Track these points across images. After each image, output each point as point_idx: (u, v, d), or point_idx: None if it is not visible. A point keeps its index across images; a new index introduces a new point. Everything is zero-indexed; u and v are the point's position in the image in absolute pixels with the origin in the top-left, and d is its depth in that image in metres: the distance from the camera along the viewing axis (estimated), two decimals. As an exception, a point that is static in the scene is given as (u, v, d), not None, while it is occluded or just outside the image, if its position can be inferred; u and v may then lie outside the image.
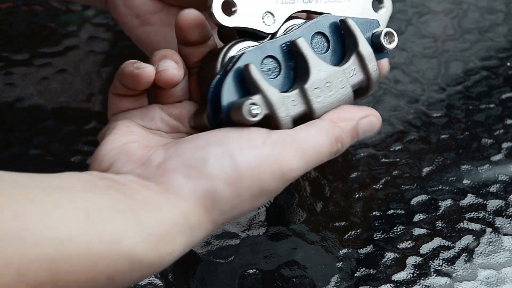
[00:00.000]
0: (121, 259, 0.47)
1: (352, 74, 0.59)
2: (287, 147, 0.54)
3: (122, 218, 0.48)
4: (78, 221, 0.46)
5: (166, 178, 0.51)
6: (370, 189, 0.72)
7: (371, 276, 0.65)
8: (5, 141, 0.74)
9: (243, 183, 0.52)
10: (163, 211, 0.50)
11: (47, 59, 0.82)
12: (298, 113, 0.57)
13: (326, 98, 0.58)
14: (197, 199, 0.51)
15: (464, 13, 0.89)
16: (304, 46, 0.58)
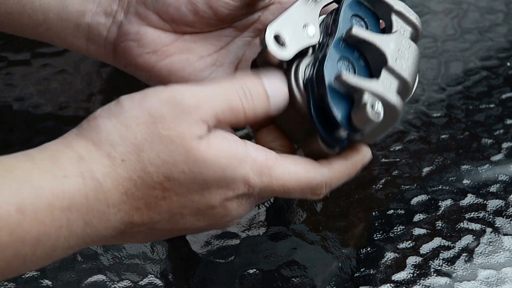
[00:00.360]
0: (21, 185, 0.49)
1: (404, 31, 0.61)
2: (179, 84, 0.55)
3: (14, 157, 0.52)
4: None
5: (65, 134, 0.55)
6: (370, 189, 0.72)
7: (371, 276, 0.65)
8: (5, 141, 0.74)
9: (126, 113, 0.53)
10: (49, 147, 0.53)
11: (47, 59, 0.82)
12: (396, 90, 0.58)
13: (407, 63, 0.59)
14: (79, 135, 0.53)
15: (464, 13, 0.89)
16: (361, 32, 0.59)
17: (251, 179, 0.55)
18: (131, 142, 0.52)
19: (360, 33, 0.59)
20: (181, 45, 0.64)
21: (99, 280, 0.64)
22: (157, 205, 0.53)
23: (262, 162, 0.55)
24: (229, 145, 0.54)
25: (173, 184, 0.53)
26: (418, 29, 0.62)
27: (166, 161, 0.52)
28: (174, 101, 0.53)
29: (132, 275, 0.64)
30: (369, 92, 0.56)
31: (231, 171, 0.54)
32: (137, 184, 0.52)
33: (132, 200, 0.52)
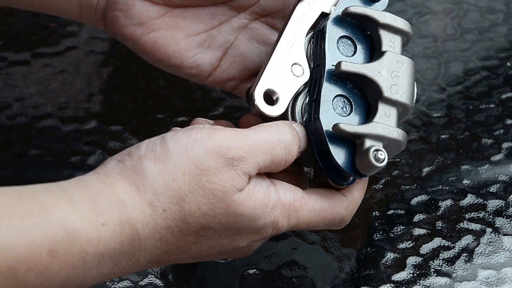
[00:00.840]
0: (56, 228, 0.48)
1: (393, 45, 0.60)
2: (223, 129, 0.54)
3: (52, 195, 0.50)
4: (11, 199, 0.49)
5: (105, 164, 0.54)
6: (370, 189, 0.72)
7: (371, 276, 0.65)
8: (5, 141, 0.74)
9: (172, 159, 0.52)
10: (91, 186, 0.51)
11: (47, 59, 0.82)
12: (396, 118, 0.58)
13: (403, 84, 0.58)
14: (124, 176, 0.52)
15: (464, 13, 0.89)
16: (350, 67, 0.58)
17: (279, 223, 0.56)
18: (175, 192, 0.52)
19: (349, 68, 0.58)
20: (169, 20, 0.63)
21: (99, 280, 0.64)
22: (188, 249, 0.54)
23: (290, 205, 0.56)
24: (263, 194, 0.55)
25: (207, 232, 0.54)
26: (408, 34, 0.61)
27: (206, 213, 0.53)
28: (220, 153, 0.53)
29: (132, 275, 0.65)
30: (369, 137, 0.56)
31: (263, 220, 0.55)
32: (173, 232, 0.53)
33: (165, 245, 0.53)
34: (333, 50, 0.59)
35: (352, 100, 0.59)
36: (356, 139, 0.56)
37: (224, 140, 0.53)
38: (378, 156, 0.55)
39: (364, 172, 0.56)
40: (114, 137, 0.75)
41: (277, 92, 0.59)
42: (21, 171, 0.71)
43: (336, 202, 0.58)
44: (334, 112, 0.58)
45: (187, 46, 0.63)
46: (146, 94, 0.80)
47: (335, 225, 0.59)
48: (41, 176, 0.71)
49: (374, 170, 0.56)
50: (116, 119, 0.77)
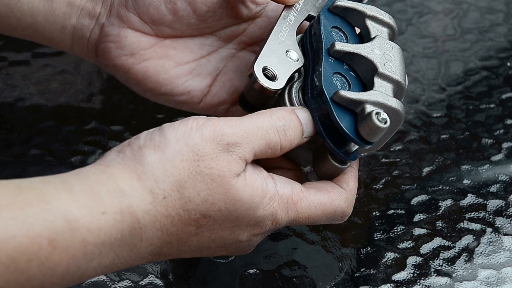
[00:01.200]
0: (57, 218, 0.49)
1: (382, 32, 0.62)
2: (217, 118, 0.55)
3: (52, 186, 0.50)
4: (11, 191, 0.49)
5: (105, 155, 0.55)
6: (370, 189, 0.72)
7: (371, 276, 0.65)
8: (5, 141, 0.74)
9: (171, 146, 0.53)
10: (90, 177, 0.52)
11: (47, 59, 0.82)
12: (392, 94, 0.59)
13: (395, 64, 0.60)
14: (124, 165, 0.53)
15: (464, 13, 0.89)
16: (345, 46, 0.60)
17: (278, 216, 0.57)
18: (174, 179, 0.53)
19: (344, 47, 0.60)
20: (159, 50, 0.64)
21: (100, 280, 0.64)
22: (188, 240, 0.55)
23: (288, 197, 0.57)
24: (261, 184, 0.56)
25: (207, 221, 0.54)
26: (393, 28, 0.63)
27: (205, 199, 0.54)
28: (215, 139, 0.54)
29: (132, 275, 0.65)
30: (370, 103, 0.57)
31: (262, 210, 0.56)
32: (174, 221, 0.53)
33: (166, 236, 0.53)
34: (328, 34, 0.61)
35: (350, 80, 0.60)
36: (357, 107, 0.57)
37: (219, 127, 0.55)
38: (382, 117, 0.56)
39: (369, 137, 0.57)
40: (114, 137, 0.75)
41: (274, 70, 0.60)
42: (21, 171, 0.71)
43: (335, 195, 0.59)
44: (335, 85, 0.59)
45: (177, 74, 0.65)
46: (146, 94, 0.80)
47: (337, 219, 0.60)
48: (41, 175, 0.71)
49: (379, 132, 0.57)
50: (116, 119, 0.77)
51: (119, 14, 0.64)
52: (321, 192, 0.59)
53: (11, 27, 0.65)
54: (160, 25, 0.63)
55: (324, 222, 0.60)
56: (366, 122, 0.56)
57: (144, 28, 0.64)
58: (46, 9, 0.64)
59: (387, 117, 0.57)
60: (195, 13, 0.63)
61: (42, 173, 0.71)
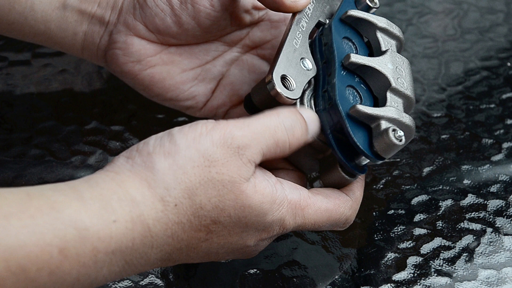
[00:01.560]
0: (67, 227, 0.48)
1: (391, 45, 0.62)
2: (226, 121, 0.55)
3: (62, 194, 0.50)
4: (21, 199, 0.49)
5: (114, 162, 0.54)
6: (370, 189, 0.72)
7: (371, 276, 0.65)
8: (5, 141, 0.74)
9: (182, 153, 0.53)
10: (101, 184, 0.52)
11: (47, 59, 0.82)
12: (403, 108, 0.59)
13: (406, 79, 0.60)
14: (134, 173, 0.53)
15: (464, 13, 0.89)
16: (360, 59, 0.60)
17: (286, 221, 0.57)
18: (186, 186, 0.53)
19: (359, 59, 0.60)
20: (165, 57, 0.65)
21: (100, 280, 0.64)
22: (198, 246, 0.55)
23: (296, 203, 0.57)
24: (270, 189, 0.56)
25: (217, 227, 0.54)
26: (402, 41, 0.63)
27: (216, 205, 0.54)
28: (226, 143, 0.54)
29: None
30: (385, 119, 0.57)
31: (271, 216, 0.56)
32: (184, 228, 0.53)
33: (176, 242, 0.53)
34: (340, 44, 0.61)
35: (361, 93, 0.60)
36: (372, 122, 0.57)
37: (228, 130, 0.54)
38: (398, 134, 0.57)
39: (384, 153, 0.57)
40: (114, 137, 0.75)
41: (291, 79, 0.60)
42: (21, 171, 0.71)
43: (341, 202, 0.59)
44: (348, 98, 0.59)
45: (182, 80, 0.65)
46: (146, 94, 0.80)
47: (340, 225, 0.60)
48: (41, 176, 0.71)
49: (394, 149, 0.57)
50: (116, 119, 0.77)
51: (126, 22, 0.64)
52: (327, 199, 0.59)
53: (24, 34, 0.66)
54: (165, 36, 0.64)
55: (327, 228, 0.60)
56: (383, 139, 0.57)
57: (150, 36, 0.64)
58: (58, 17, 0.65)
59: (403, 135, 0.57)
60: (199, 26, 0.64)
61: (42, 173, 0.71)
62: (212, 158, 0.53)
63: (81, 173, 0.72)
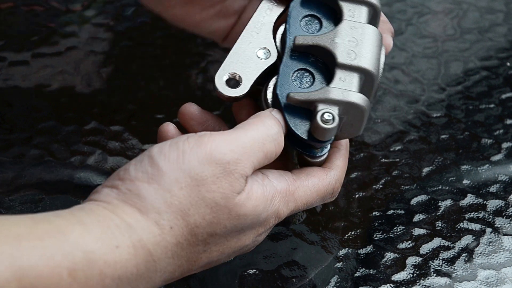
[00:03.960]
0: (74, 249, 0.48)
1: (354, 14, 0.60)
2: (210, 134, 0.54)
3: (64, 219, 0.50)
4: (27, 223, 0.49)
5: (98, 192, 0.53)
6: (370, 189, 0.72)
7: (371, 276, 0.65)
8: (5, 141, 0.74)
9: (165, 176, 0.52)
10: (96, 211, 0.51)
11: (47, 59, 0.82)
12: (357, 84, 0.57)
13: (361, 50, 0.58)
14: (122, 201, 0.52)
15: (464, 13, 0.89)
16: (304, 40, 0.59)
17: (280, 211, 0.57)
18: (177, 208, 0.52)
19: (303, 41, 0.59)
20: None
21: (99, 280, 0.64)
22: (198, 259, 0.54)
23: (286, 191, 0.57)
24: (262, 190, 0.55)
25: (214, 238, 0.54)
26: (373, 4, 0.61)
27: (211, 222, 0.53)
28: (213, 160, 0.53)
29: (132, 275, 0.65)
30: (321, 102, 0.56)
31: (265, 213, 0.55)
32: (183, 247, 0.53)
33: (177, 260, 0.53)
34: (295, 28, 0.60)
35: (314, 73, 0.59)
36: (310, 107, 0.57)
37: (214, 145, 0.53)
38: (325, 117, 0.55)
39: (318, 136, 0.56)
40: (114, 137, 0.75)
41: (238, 74, 0.60)
42: (21, 171, 0.71)
43: (323, 174, 0.59)
44: (293, 84, 0.58)
45: (202, 18, 0.65)
46: (146, 94, 0.80)
47: (328, 197, 0.60)
48: (41, 176, 0.71)
49: (325, 133, 0.56)
50: (116, 119, 0.77)
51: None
52: (311, 175, 0.59)
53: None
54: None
55: (318, 203, 0.60)
56: (313, 123, 0.56)
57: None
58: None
59: (332, 117, 0.55)
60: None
61: (42, 173, 0.71)
62: (199, 177, 0.52)
63: (81, 173, 0.72)
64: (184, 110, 0.62)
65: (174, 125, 0.61)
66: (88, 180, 0.71)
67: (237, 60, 0.60)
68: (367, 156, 0.74)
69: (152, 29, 0.86)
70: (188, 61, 0.83)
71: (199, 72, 0.82)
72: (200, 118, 0.62)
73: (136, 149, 0.74)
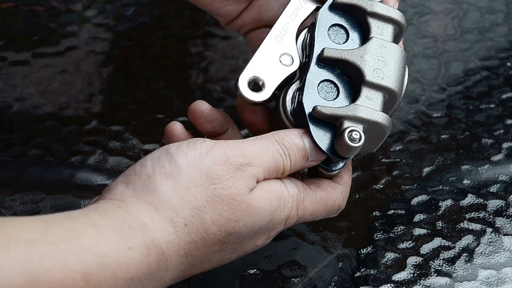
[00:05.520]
0: (87, 254, 0.48)
1: (382, 32, 0.60)
2: (224, 141, 0.55)
3: (78, 222, 0.50)
4: (39, 226, 0.48)
5: (112, 189, 0.54)
6: (370, 189, 0.72)
7: (371, 276, 0.65)
8: (5, 141, 0.74)
9: (183, 173, 0.53)
10: (110, 213, 0.51)
11: (47, 59, 0.82)
12: (381, 103, 0.58)
13: (387, 69, 0.58)
14: (138, 198, 0.52)
15: (464, 13, 0.89)
16: (333, 52, 0.58)
17: (291, 215, 0.57)
18: (192, 205, 0.52)
19: (333, 53, 0.59)
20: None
21: (100, 280, 0.64)
22: (212, 258, 0.55)
23: (297, 196, 0.58)
24: (275, 188, 0.56)
25: (232, 237, 0.54)
26: (399, 23, 0.61)
27: (229, 218, 0.53)
28: (228, 161, 0.54)
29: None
30: (348, 119, 0.56)
31: (280, 212, 0.56)
32: (198, 245, 0.53)
33: (190, 259, 0.53)
34: (323, 37, 0.60)
35: (340, 85, 0.59)
36: (336, 122, 0.57)
37: (229, 149, 0.54)
38: (353, 136, 0.55)
39: (342, 153, 0.57)
40: (114, 137, 0.75)
41: (262, 79, 0.60)
42: (21, 171, 0.71)
43: (332, 189, 0.60)
44: (319, 96, 0.58)
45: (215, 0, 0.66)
46: (146, 94, 0.80)
47: (334, 212, 0.61)
48: (41, 176, 0.71)
49: (350, 150, 0.56)
50: (116, 119, 0.77)
51: None
52: (320, 187, 0.59)
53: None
54: None
55: (323, 217, 0.60)
56: (339, 139, 0.56)
57: None
58: None
59: (359, 136, 0.56)
60: None
61: (42, 173, 0.71)
62: (215, 175, 0.53)
63: (81, 173, 0.72)
64: (194, 108, 0.62)
65: (181, 124, 0.62)
66: (88, 180, 0.71)
67: (261, 64, 0.60)
68: (367, 156, 0.74)
69: (152, 29, 0.86)
70: (188, 61, 0.83)
71: (199, 72, 0.82)
72: (210, 116, 0.62)
73: (136, 149, 0.74)
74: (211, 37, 0.85)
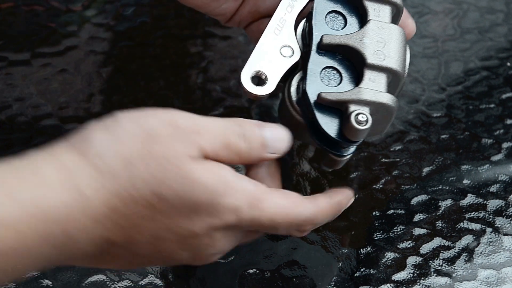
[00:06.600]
0: (2, 196, 0.48)
1: (379, 14, 0.60)
2: (182, 111, 0.54)
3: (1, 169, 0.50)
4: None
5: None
6: (370, 189, 0.72)
7: (371, 276, 0.65)
8: (5, 141, 0.74)
9: (121, 127, 0.51)
10: (32, 156, 0.51)
11: (47, 59, 0.82)
12: (385, 84, 0.58)
13: (388, 50, 0.58)
14: (70, 145, 0.51)
15: (464, 13, 0.89)
16: (331, 39, 0.59)
17: (241, 209, 0.53)
18: (124, 157, 0.50)
19: (331, 40, 0.59)
20: None
21: (99, 280, 0.64)
22: (142, 226, 0.51)
23: (252, 193, 0.54)
24: (221, 171, 0.53)
25: (163, 204, 0.51)
26: (396, 4, 0.61)
27: (161, 181, 0.51)
28: (173, 123, 0.52)
29: (132, 275, 0.65)
30: (353, 102, 0.56)
31: (222, 197, 0.52)
32: (125, 200, 0.50)
33: (117, 217, 0.50)
34: (320, 24, 0.60)
35: (342, 71, 0.59)
36: (341, 107, 0.57)
37: (181, 114, 0.53)
38: (360, 119, 0.56)
39: (350, 137, 0.56)
40: (114, 137, 0.75)
41: (264, 72, 0.60)
42: (21, 171, 0.71)
43: (299, 201, 0.56)
44: (322, 83, 0.58)
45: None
46: (146, 94, 0.80)
47: (293, 229, 0.56)
48: (41, 176, 0.71)
49: (359, 134, 0.56)
50: (116, 119, 0.77)
51: None
52: (285, 195, 0.55)
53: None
54: None
55: (284, 229, 0.56)
56: (347, 123, 0.56)
57: None
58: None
59: (367, 118, 0.56)
60: None
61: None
62: (155, 133, 0.51)
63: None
64: None
65: None
66: (88, 180, 0.71)
67: (262, 58, 0.60)
68: (367, 156, 0.74)
69: (152, 29, 0.86)
70: (188, 61, 0.83)
71: (199, 72, 0.82)
72: None
73: (136, 149, 0.74)
74: (211, 37, 0.85)
